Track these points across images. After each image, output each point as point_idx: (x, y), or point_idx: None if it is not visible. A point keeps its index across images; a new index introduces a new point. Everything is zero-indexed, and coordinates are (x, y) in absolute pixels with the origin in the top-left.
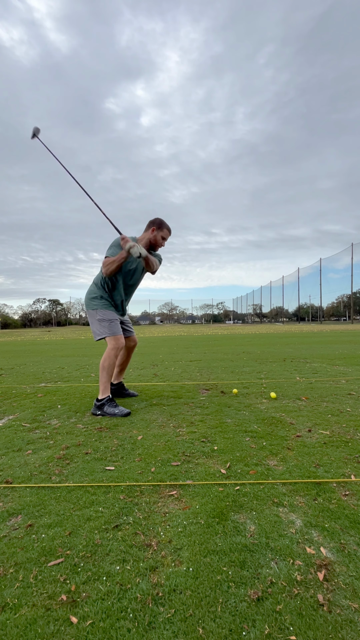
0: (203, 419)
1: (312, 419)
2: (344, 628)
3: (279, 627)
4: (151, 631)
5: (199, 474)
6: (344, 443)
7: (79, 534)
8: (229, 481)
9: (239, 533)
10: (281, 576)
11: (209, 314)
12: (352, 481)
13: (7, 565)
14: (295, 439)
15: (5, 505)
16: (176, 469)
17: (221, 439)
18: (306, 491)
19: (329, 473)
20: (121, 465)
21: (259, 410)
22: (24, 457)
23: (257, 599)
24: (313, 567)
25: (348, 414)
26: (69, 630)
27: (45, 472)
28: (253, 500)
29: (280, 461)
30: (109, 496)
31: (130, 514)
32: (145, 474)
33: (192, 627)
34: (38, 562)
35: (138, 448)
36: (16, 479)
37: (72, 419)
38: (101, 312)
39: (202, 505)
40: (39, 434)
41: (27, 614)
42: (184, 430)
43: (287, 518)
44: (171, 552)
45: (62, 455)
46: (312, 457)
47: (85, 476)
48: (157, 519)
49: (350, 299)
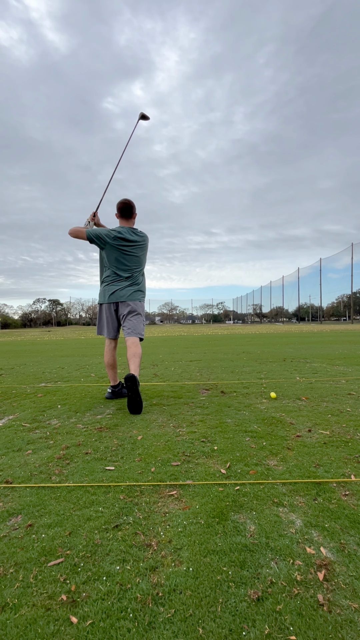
0: (203, 419)
1: (312, 419)
2: (344, 628)
3: (279, 627)
4: (151, 631)
5: (199, 474)
6: (344, 443)
7: (79, 534)
8: (229, 481)
9: (239, 533)
10: (281, 576)
11: (209, 314)
12: (352, 481)
13: (7, 565)
14: (295, 439)
15: (5, 505)
16: (176, 469)
17: (221, 439)
18: (306, 491)
19: (329, 473)
20: (121, 465)
21: (259, 410)
22: (24, 457)
23: (257, 599)
24: (313, 567)
25: (348, 414)
26: (69, 630)
27: (45, 472)
28: (253, 500)
29: (280, 461)
30: (109, 496)
31: (130, 514)
32: (145, 474)
33: (192, 627)
34: (38, 562)
35: (138, 448)
36: (16, 479)
37: (72, 419)
38: (99, 307)
39: (202, 505)
40: (39, 434)
41: (27, 614)
42: (184, 430)
43: (287, 518)
44: (171, 552)
45: (62, 455)
46: (312, 457)
47: (85, 476)
48: (157, 519)
49: (350, 299)
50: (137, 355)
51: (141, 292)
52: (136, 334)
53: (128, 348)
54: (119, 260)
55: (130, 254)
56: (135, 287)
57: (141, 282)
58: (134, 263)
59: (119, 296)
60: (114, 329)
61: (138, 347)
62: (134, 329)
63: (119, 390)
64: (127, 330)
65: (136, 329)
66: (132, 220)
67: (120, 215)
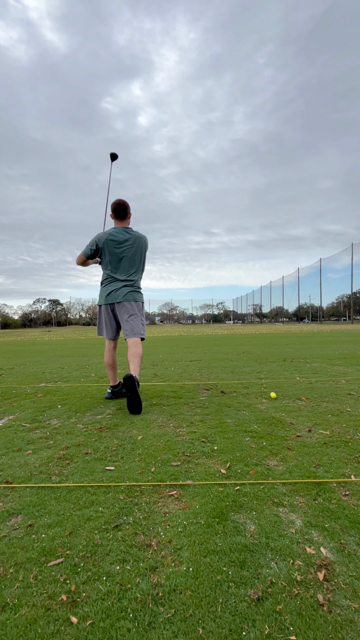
0: (203, 419)
1: (312, 419)
2: (344, 628)
3: (279, 627)
4: (151, 631)
5: (199, 474)
6: (344, 443)
7: (79, 534)
8: (229, 481)
9: (239, 533)
10: (281, 576)
11: (209, 314)
12: (352, 481)
13: (7, 565)
14: (295, 439)
15: (5, 505)
16: (176, 469)
17: (221, 439)
18: (306, 491)
19: (329, 473)
20: (121, 465)
21: (259, 410)
22: (24, 457)
23: (257, 599)
24: (313, 567)
25: (348, 414)
26: (69, 630)
27: (45, 472)
28: (253, 500)
29: (280, 461)
30: (109, 496)
31: (130, 514)
32: (145, 474)
33: (192, 627)
34: (38, 562)
35: (138, 448)
36: (16, 479)
37: (72, 419)
38: (98, 308)
39: (202, 505)
40: (39, 434)
41: (27, 614)
42: (184, 430)
43: (287, 518)
44: (171, 552)
45: (62, 455)
46: (312, 457)
47: (85, 476)
48: (157, 519)
49: (350, 299)
50: (137, 356)
51: (138, 292)
52: (135, 335)
53: (128, 348)
54: (112, 262)
55: (123, 255)
56: (131, 287)
57: (137, 282)
58: (128, 263)
59: (114, 297)
60: (112, 330)
61: (138, 347)
62: (132, 330)
63: (118, 391)
64: (126, 332)
65: (135, 330)
66: (127, 221)
67: (115, 216)
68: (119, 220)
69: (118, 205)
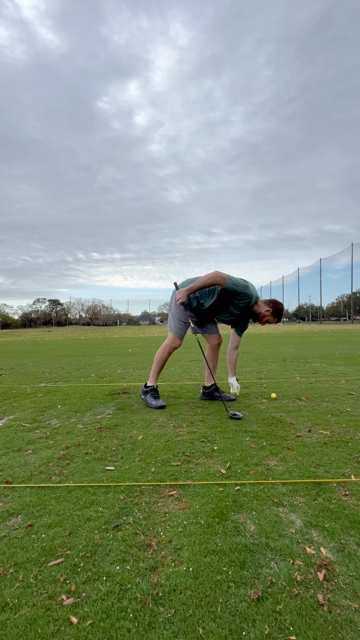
0: (203, 419)
1: (312, 419)
2: (344, 628)
3: (279, 627)
4: (151, 631)
5: (199, 474)
6: (344, 443)
7: (79, 534)
8: (229, 481)
9: (239, 533)
10: (281, 576)
11: None
12: (352, 481)
13: (7, 565)
14: (295, 439)
15: (5, 505)
16: (176, 469)
17: (221, 439)
18: (306, 491)
19: (329, 473)
20: (121, 465)
21: (259, 410)
22: (24, 457)
23: (257, 599)
24: (313, 567)
25: (348, 414)
26: (69, 630)
27: (45, 472)
28: (253, 500)
29: (280, 461)
30: (109, 496)
31: (130, 514)
32: (145, 474)
33: (192, 627)
34: (38, 562)
35: (138, 448)
36: (16, 479)
37: (72, 419)
38: (175, 307)
39: (202, 505)
40: (39, 434)
41: (27, 614)
42: (184, 430)
43: (287, 518)
44: (171, 552)
45: (62, 455)
46: (312, 457)
47: (85, 476)
48: (157, 519)
49: (350, 299)
50: (154, 360)
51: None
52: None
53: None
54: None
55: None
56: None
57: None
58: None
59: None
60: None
61: (159, 349)
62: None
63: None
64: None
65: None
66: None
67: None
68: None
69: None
